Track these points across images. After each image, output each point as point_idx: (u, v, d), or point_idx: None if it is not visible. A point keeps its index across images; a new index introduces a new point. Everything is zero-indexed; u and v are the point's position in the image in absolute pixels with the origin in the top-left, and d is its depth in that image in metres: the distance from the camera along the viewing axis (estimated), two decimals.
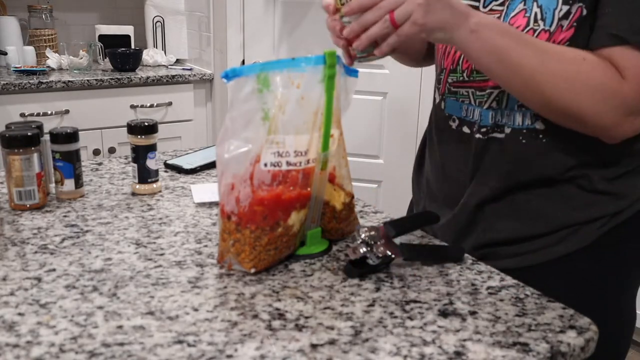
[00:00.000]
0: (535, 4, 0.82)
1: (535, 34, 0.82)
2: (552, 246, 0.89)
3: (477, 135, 0.91)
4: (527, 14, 0.83)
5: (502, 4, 0.86)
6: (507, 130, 0.88)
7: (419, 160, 1.13)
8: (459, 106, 0.94)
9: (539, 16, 0.82)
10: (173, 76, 2.62)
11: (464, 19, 0.78)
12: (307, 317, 0.67)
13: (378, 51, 0.81)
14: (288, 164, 0.75)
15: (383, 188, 2.61)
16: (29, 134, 0.95)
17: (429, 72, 2.42)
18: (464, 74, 0.91)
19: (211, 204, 1.02)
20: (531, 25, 0.82)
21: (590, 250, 0.88)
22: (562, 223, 0.88)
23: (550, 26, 0.81)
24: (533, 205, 0.89)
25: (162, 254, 0.82)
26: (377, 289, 0.74)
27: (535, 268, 0.89)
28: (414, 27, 0.77)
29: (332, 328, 0.65)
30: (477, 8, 0.87)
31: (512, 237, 0.91)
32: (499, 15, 0.86)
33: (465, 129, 0.93)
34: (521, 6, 0.84)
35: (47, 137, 1.00)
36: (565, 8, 0.80)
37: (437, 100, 0.99)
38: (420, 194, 1.10)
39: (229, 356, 0.60)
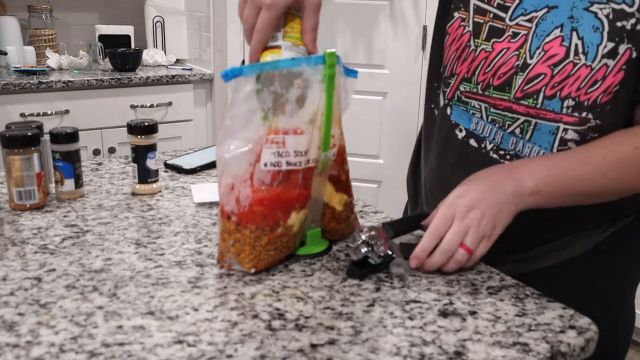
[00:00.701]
0: (575, 34, 0.77)
1: (576, 68, 0.77)
2: (557, 251, 0.89)
3: (493, 155, 0.88)
4: (565, 43, 0.78)
5: (529, 21, 0.81)
6: None
7: (415, 161, 1.11)
8: (468, 117, 0.90)
9: (580, 49, 0.77)
10: (173, 76, 2.62)
11: (520, 193, 0.76)
12: (307, 317, 0.67)
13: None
14: (288, 164, 0.75)
15: (383, 188, 2.61)
16: (29, 134, 0.95)
17: None
18: (479, 87, 0.87)
19: (211, 204, 1.02)
20: (571, 57, 0.78)
21: (592, 252, 0.88)
22: (568, 229, 0.88)
23: (593, 62, 0.76)
24: (541, 216, 0.88)
25: (162, 254, 0.82)
26: (377, 289, 0.74)
27: (536, 271, 0.89)
28: (490, 242, 0.76)
29: (332, 328, 0.65)
30: (502, 20, 0.83)
31: (519, 247, 0.91)
32: (525, 32, 0.81)
33: (473, 142, 0.90)
34: (557, 32, 0.79)
35: (47, 137, 1.00)
36: (611, 45, 0.75)
37: (442, 104, 0.95)
38: (416, 196, 1.10)
39: (229, 356, 0.60)
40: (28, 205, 0.97)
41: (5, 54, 2.55)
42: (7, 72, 2.47)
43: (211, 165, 1.21)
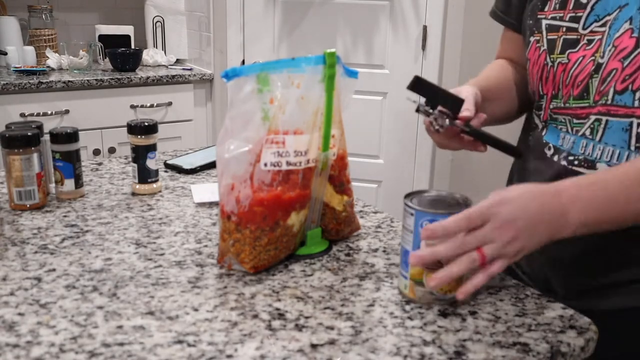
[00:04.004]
0: None
1: None
2: None
3: (562, 162, 0.83)
4: (635, 34, 0.74)
5: (603, 25, 0.78)
6: (600, 167, 0.79)
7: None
8: (557, 134, 0.85)
9: None
10: (173, 76, 2.61)
11: (564, 222, 0.68)
12: (307, 317, 0.67)
13: (462, 294, 0.68)
14: (288, 164, 0.75)
15: (383, 188, 2.61)
16: (29, 134, 0.95)
17: (430, 72, 2.42)
18: (562, 101, 0.84)
19: (211, 204, 1.02)
20: None
21: None
22: None
23: None
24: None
25: (162, 254, 0.82)
26: (377, 289, 0.74)
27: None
28: (507, 263, 0.68)
29: (332, 328, 0.65)
30: (576, 30, 0.81)
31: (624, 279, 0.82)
32: (600, 36, 0.78)
33: (556, 158, 0.85)
34: (627, 25, 0.75)
35: (47, 137, 1.00)
36: None
37: (540, 127, 0.89)
38: None
39: (229, 356, 0.60)
40: (28, 205, 0.97)
41: (5, 54, 2.55)
42: (7, 72, 2.47)
43: (211, 165, 1.21)
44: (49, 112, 2.38)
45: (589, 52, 0.80)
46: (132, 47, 2.84)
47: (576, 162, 0.81)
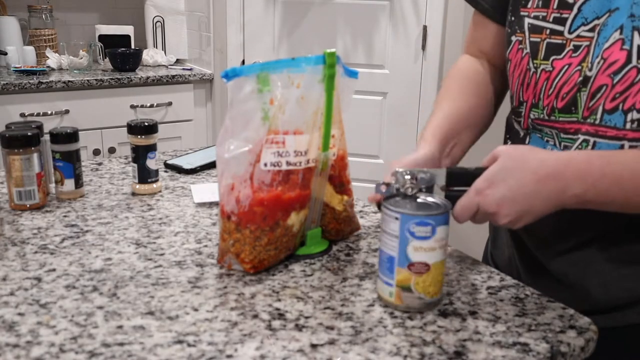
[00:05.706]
0: (637, 34, 0.68)
1: None
2: None
3: None
4: (626, 46, 0.69)
5: (591, 30, 0.72)
6: None
7: None
8: (543, 146, 0.80)
9: None
10: (173, 76, 2.62)
11: (562, 198, 0.67)
12: (307, 317, 0.67)
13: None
14: (288, 163, 0.75)
15: None
16: (29, 134, 0.95)
17: (429, 72, 2.43)
18: (544, 112, 0.79)
19: (211, 204, 1.02)
20: (633, 62, 0.68)
21: None
22: None
23: None
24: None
25: (162, 254, 0.82)
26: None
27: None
28: (523, 222, 0.70)
29: (332, 328, 0.65)
30: (561, 33, 0.75)
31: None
32: (587, 43, 0.73)
33: None
34: (617, 35, 0.69)
35: (47, 137, 1.00)
36: None
37: (522, 135, 0.85)
38: (499, 231, 0.98)
39: (229, 356, 0.60)
40: (28, 205, 0.97)
41: (5, 54, 2.55)
42: (7, 72, 2.47)
43: (211, 165, 1.21)
44: (49, 112, 2.38)
45: (574, 60, 0.75)
46: (132, 47, 2.85)
47: None
